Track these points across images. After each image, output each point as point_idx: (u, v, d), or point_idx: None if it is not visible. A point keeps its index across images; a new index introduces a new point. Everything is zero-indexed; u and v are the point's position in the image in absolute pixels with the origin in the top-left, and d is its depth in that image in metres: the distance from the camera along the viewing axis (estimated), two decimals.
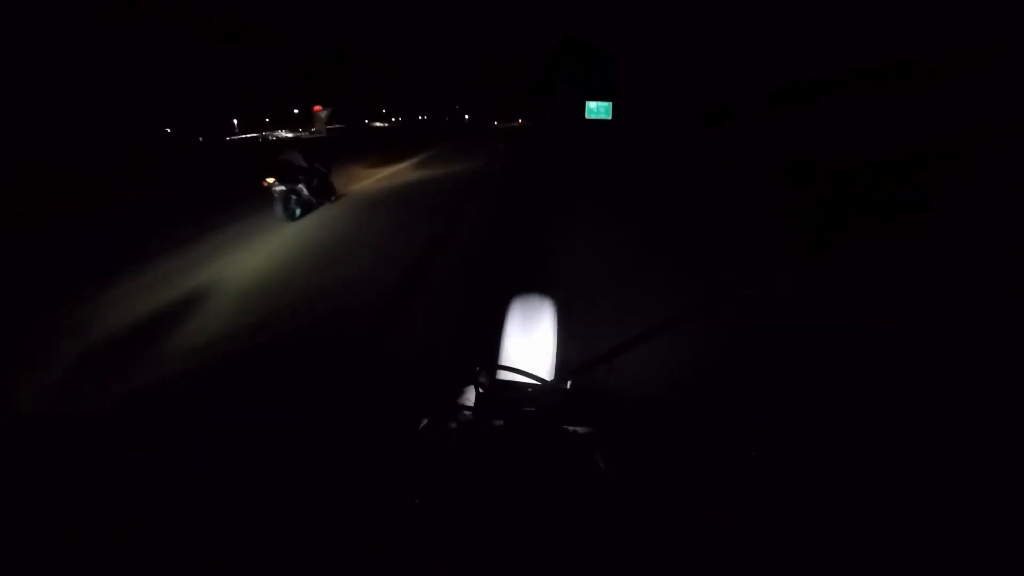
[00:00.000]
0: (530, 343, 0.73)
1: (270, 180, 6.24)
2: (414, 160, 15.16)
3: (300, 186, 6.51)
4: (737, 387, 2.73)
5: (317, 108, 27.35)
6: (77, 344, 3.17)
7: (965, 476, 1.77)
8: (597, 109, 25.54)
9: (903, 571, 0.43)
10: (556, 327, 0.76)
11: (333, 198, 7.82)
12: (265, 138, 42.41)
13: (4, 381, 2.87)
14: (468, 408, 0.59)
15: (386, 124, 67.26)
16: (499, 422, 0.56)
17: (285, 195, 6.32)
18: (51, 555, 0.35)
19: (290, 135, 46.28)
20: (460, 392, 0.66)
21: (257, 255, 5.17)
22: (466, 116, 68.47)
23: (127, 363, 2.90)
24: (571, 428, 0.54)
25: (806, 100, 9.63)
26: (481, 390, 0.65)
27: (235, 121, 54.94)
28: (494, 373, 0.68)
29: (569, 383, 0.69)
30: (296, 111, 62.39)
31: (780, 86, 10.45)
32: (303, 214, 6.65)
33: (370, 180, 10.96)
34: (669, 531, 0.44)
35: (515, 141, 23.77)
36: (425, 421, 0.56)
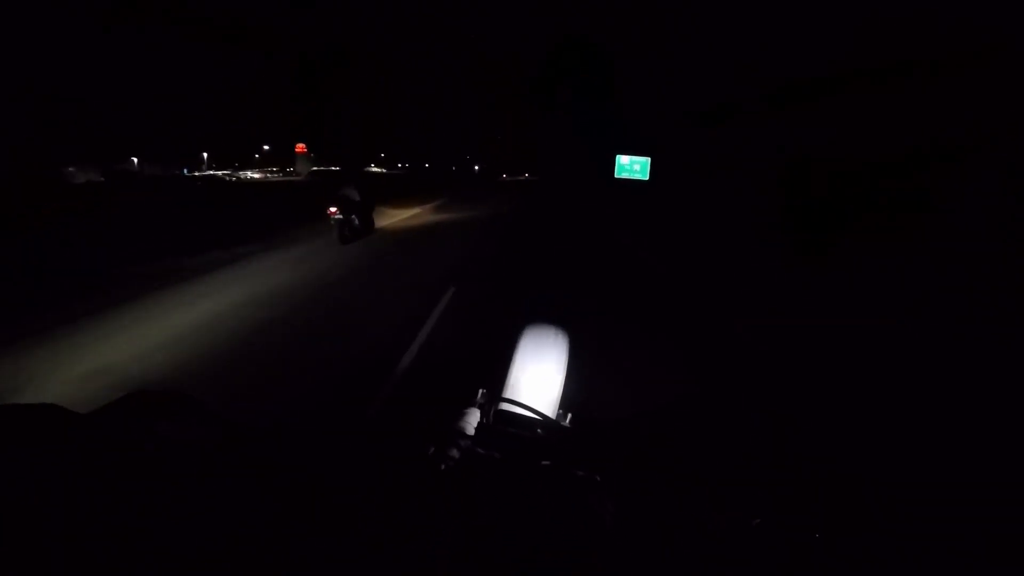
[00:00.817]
0: (537, 374, 0.70)
1: (333, 210, 7.82)
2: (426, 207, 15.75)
3: (353, 217, 8.08)
4: (737, 387, 2.73)
5: (300, 148, 24.95)
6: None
7: (965, 476, 1.77)
8: (630, 166, 17.36)
9: (903, 571, 0.43)
10: (566, 361, 0.73)
11: (373, 230, 9.40)
12: (227, 177, 38.68)
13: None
14: (468, 437, 0.57)
15: (384, 170, 58.01)
16: (497, 455, 0.54)
17: (342, 224, 7.83)
18: (51, 555, 0.35)
19: (257, 176, 42.37)
20: (461, 414, 0.64)
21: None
22: (476, 167, 66.50)
23: None
24: (571, 471, 0.52)
25: (806, 100, 9.63)
26: (484, 419, 0.63)
27: (205, 155, 51.87)
28: (497, 402, 0.66)
29: (570, 418, 0.68)
30: (267, 147, 56.76)
31: (780, 86, 10.44)
32: (352, 240, 8.14)
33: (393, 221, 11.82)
34: (669, 531, 0.44)
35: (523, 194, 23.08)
36: (433, 448, 0.54)
